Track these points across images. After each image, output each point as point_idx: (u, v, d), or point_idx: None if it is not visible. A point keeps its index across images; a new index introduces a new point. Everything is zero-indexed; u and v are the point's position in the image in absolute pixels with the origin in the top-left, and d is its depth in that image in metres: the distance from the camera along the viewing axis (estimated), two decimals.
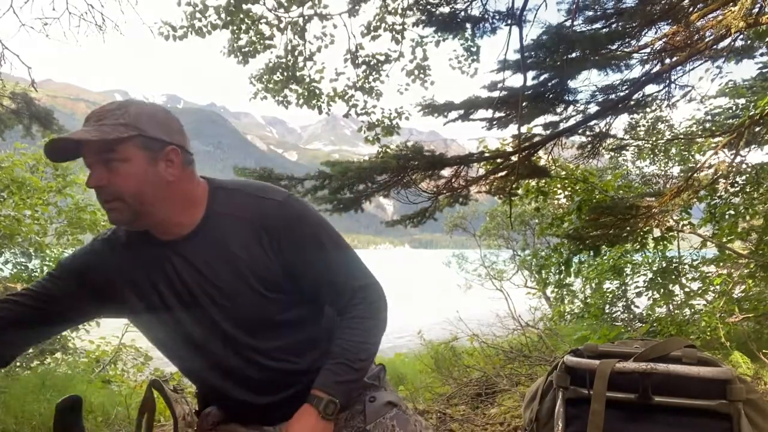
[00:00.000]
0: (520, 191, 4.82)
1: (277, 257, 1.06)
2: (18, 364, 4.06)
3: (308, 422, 1.01)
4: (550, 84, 3.73)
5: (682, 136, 5.80)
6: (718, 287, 4.74)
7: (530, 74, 3.58)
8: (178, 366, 1.21)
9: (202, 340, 1.09)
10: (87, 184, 1.00)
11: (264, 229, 1.06)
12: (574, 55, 3.45)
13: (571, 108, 3.96)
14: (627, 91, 3.82)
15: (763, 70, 4.56)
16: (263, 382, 1.12)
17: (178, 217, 1.05)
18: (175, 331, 1.10)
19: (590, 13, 3.55)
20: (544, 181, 4.96)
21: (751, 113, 3.55)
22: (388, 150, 4.34)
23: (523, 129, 4.11)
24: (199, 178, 1.11)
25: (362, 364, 1.09)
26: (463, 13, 3.86)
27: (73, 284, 1.09)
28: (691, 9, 3.28)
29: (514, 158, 4.04)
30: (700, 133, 5.31)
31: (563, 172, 5.17)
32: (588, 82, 6.41)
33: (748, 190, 4.65)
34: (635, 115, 5.10)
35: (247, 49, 5.89)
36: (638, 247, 5.04)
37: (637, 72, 3.83)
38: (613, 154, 6.42)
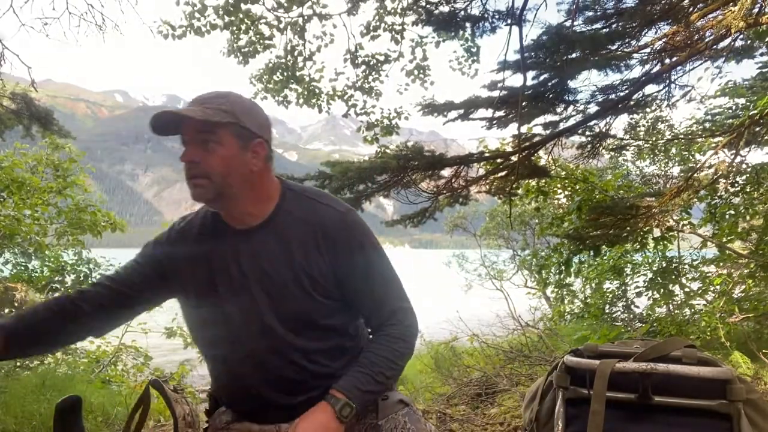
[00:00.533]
0: (520, 191, 4.81)
1: (330, 263, 1.13)
2: (18, 364, 4.06)
3: (322, 419, 1.02)
4: (550, 84, 3.73)
5: (682, 136, 5.80)
6: (718, 287, 4.74)
7: (530, 74, 3.58)
8: (207, 355, 1.23)
9: (247, 332, 1.12)
10: (181, 158, 1.08)
11: (324, 235, 1.13)
12: (574, 55, 3.44)
13: (571, 108, 3.96)
14: (627, 91, 3.81)
15: (763, 70, 4.56)
16: (295, 382, 1.15)
17: (252, 206, 1.13)
18: (222, 318, 1.13)
19: (590, 13, 3.54)
20: (544, 181, 4.96)
21: (751, 113, 3.55)
22: (386, 150, 4.34)
23: (523, 129, 4.11)
24: (274, 176, 1.19)
25: (385, 380, 1.11)
26: (462, 13, 3.86)
27: (152, 270, 1.17)
28: (691, 9, 3.27)
29: (514, 158, 4.03)
30: (700, 133, 5.30)
31: (563, 172, 5.17)
32: (588, 82, 6.39)
33: (748, 190, 4.64)
34: (635, 115, 5.09)
35: (246, 49, 5.89)
36: (638, 247, 5.04)
37: (637, 72, 3.82)
38: (613, 154, 6.42)
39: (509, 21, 3.46)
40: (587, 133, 4.26)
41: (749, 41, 3.82)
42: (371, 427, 1.16)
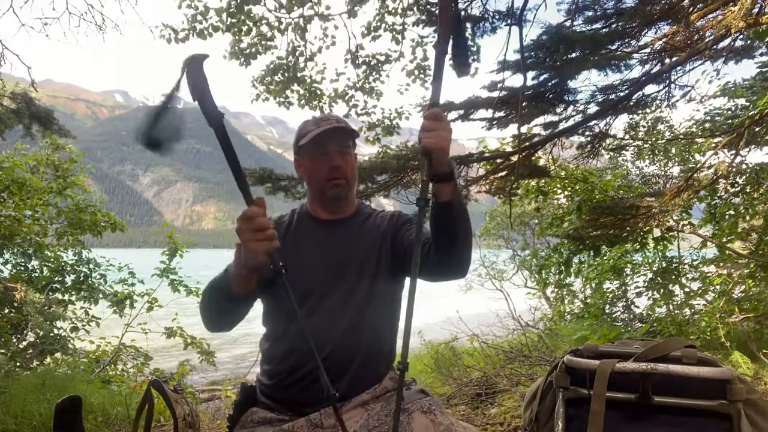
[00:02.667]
0: (520, 191, 4.81)
1: (393, 236, 1.39)
2: (18, 364, 4.06)
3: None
4: (550, 84, 3.73)
5: (682, 137, 5.80)
6: (718, 287, 4.74)
7: (530, 74, 3.58)
8: (283, 335, 1.33)
9: (333, 309, 1.30)
10: (331, 163, 1.35)
11: (390, 220, 1.44)
12: (574, 55, 3.44)
13: (571, 108, 3.95)
14: (627, 91, 3.81)
15: (763, 70, 4.56)
16: (360, 353, 1.30)
17: (351, 199, 1.45)
18: (313, 296, 1.31)
19: (590, 13, 3.54)
20: (544, 181, 4.96)
21: (751, 113, 3.55)
22: (388, 150, 4.34)
23: (523, 129, 4.11)
24: None
25: (464, 208, 1.22)
26: (463, 13, 3.86)
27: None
28: (691, 9, 3.27)
29: (514, 158, 4.04)
30: (700, 133, 5.31)
31: (563, 172, 5.17)
32: (588, 82, 6.38)
33: (748, 190, 4.64)
34: (635, 115, 5.09)
35: (248, 50, 5.90)
36: (638, 247, 5.04)
37: (637, 72, 3.82)
38: (613, 154, 6.42)
39: (509, 21, 3.46)
40: (587, 133, 4.26)
41: (749, 41, 3.83)
42: (400, 410, 1.23)
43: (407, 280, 1.46)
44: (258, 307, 1.40)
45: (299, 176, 1.47)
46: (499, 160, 4.20)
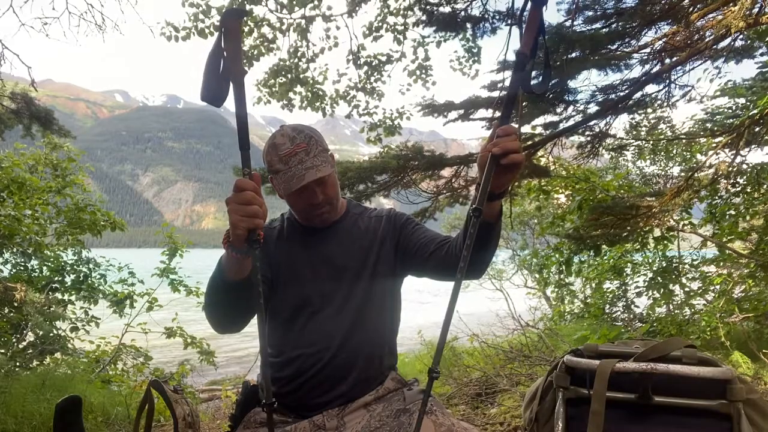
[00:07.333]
0: (520, 191, 4.81)
1: (393, 238, 1.38)
2: (18, 364, 4.06)
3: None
4: (550, 84, 3.73)
5: (682, 136, 5.80)
6: (718, 287, 4.74)
7: None
8: (280, 338, 1.34)
9: (332, 314, 1.30)
10: (311, 201, 1.28)
11: (387, 221, 1.42)
12: (574, 55, 3.44)
13: (571, 108, 3.96)
14: (627, 91, 3.81)
15: (763, 70, 4.56)
16: (351, 361, 1.29)
17: (338, 209, 1.39)
18: (312, 303, 1.30)
19: (590, 13, 3.54)
20: (545, 180, 4.96)
21: (751, 113, 3.55)
22: (390, 150, 4.35)
23: (523, 129, 4.11)
24: None
25: (499, 229, 1.20)
26: (463, 13, 3.87)
27: (266, 265, 1.34)
28: (691, 9, 3.27)
29: None
30: (700, 133, 5.31)
31: (564, 172, 5.17)
32: (588, 82, 6.39)
33: (748, 190, 4.64)
34: (635, 115, 5.09)
35: (251, 52, 5.90)
36: (638, 247, 5.04)
37: (637, 72, 3.83)
38: (613, 154, 6.43)
39: (509, 21, 3.46)
40: (587, 133, 4.26)
41: (749, 41, 3.83)
42: (402, 410, 1.26)
43: (407, 279, 1.46)
44: None
45: (278, 194, 1.38)
46: None
